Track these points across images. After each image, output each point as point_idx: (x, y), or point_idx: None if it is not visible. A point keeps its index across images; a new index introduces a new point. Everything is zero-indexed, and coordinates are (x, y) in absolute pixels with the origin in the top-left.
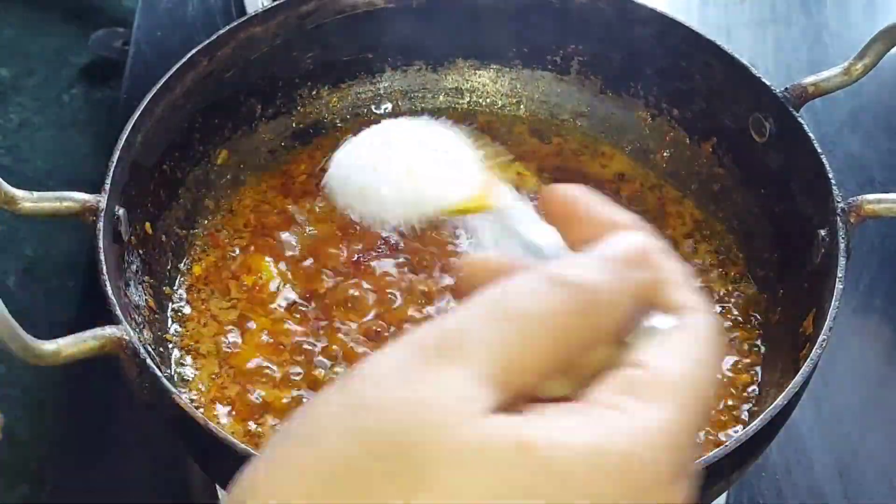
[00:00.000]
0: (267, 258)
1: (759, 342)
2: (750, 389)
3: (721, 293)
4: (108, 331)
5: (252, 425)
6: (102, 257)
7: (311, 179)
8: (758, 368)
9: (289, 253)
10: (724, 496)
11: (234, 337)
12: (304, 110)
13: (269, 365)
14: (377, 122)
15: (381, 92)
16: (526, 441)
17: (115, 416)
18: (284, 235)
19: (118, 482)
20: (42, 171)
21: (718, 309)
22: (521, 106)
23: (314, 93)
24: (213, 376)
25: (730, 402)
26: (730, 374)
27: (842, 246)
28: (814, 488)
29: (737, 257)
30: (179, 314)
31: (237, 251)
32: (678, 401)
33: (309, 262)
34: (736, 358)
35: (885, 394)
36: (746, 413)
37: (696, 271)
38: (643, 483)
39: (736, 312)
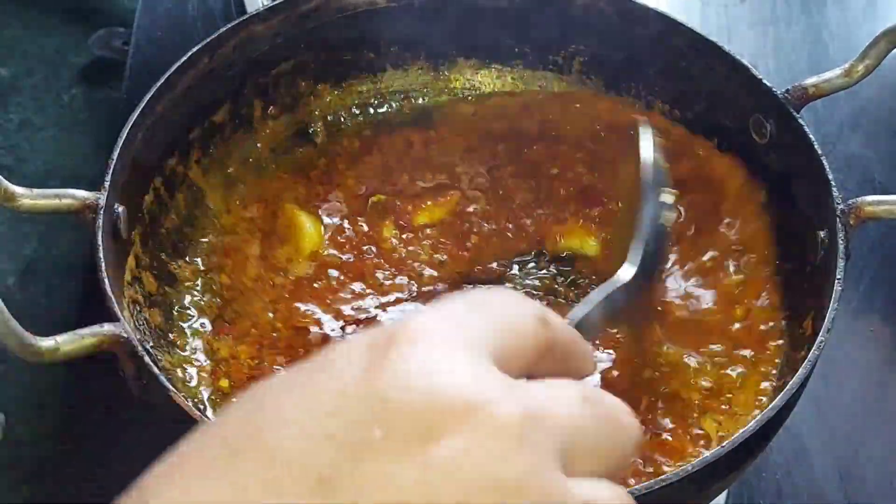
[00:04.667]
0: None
1: (757, 343)
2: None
3: (720, 293)
4: (107, 328)
5: None
6: (101, 255)
7: (311, 178)
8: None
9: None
10: (723, 496)
11: (233, 335)
12: (305, 109)
13: (269, 362)
14: (378, 120)
15: (383, 91)
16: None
17: (115, 416)
18: (284, 234)
19: (118, 482)
20: (42, 171)
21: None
22: (522, 106)
23: (315, 92)
24: (213, 374)
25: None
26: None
27: (841, 247)
28: (814, 488)
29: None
30: (179, 312)
31: (237, 249)
32: None
33: (307, 261)
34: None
35: (885, 394)
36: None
37: (695, 271)
38: None
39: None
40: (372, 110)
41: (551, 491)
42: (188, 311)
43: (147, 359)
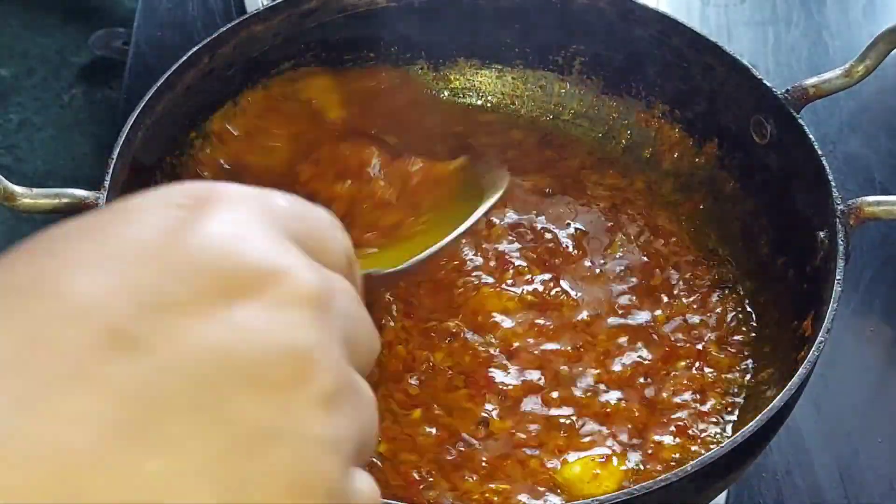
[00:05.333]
0: None
1: (758, 343)
2: (748, 390)
3: (720, 294)
4: None
5: None
6: None
7: (312, 178)
8: (756, 369)
9: None
10: (723, 496)
11: None
12: None
13: None
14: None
15: None
16: None
17: None
18: None
19: None
20: (42, 171)
21: (718, 310)
22: (523, 106)
23: None
24: None
25: (727, 403)
26: (728, 375)
27: (841, 248)
28: (814, 488)
29: (736, 258)
30: None
31: None
32: None
33: None
34: (735, 358)
35: (885, 394)
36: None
37: (694, 271)
38: None
39: (735, 313)
40: None
41: (342, 369)
42: None
43: None
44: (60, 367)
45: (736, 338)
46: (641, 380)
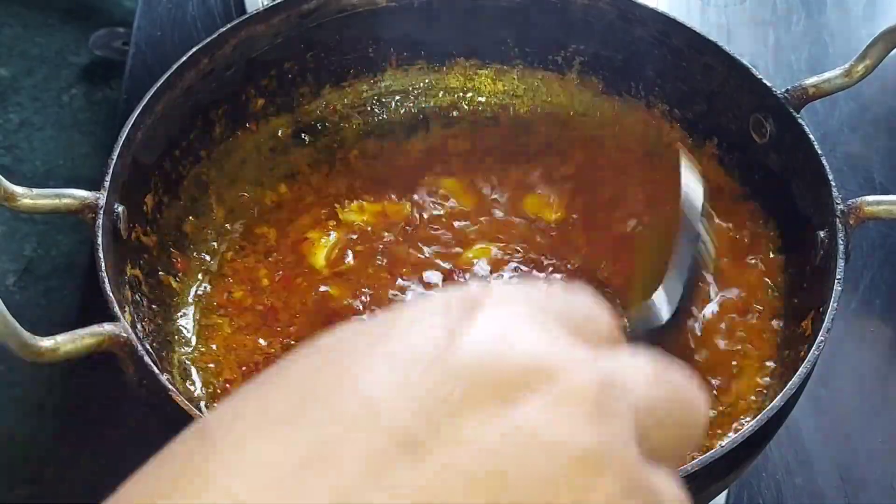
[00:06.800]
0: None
1: (757, 343)
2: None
3: (719, 293)
4: (107, 328)
5: None
6: (101, 254)
7: (311, 179)
8: (756, 369)
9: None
10: (723, 496)
11: (236, 334)
12: (305, 109)
13: (273, 361)
14: (378, 120)
15: (383, 91)
16: None
17: (115, 416)
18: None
19: (118, 482)
20: (41, 172)
21: (716, 310)
22: (522, 106)
23: (315, 91)
24: (216, 373)
25: (727, 403)
26: (728, 374)
27: (841, 248)
28: (814, 488)
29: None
30: (180, 311)
31: (237, 248)
32: None
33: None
34: (735, 358)
35: (886, 394)
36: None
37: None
38: None
39: (734, 313)
40: (372, 110)
41: (631, 468)
42: (189, 310)
43: (147, 359)
44: (359, 469)
45: (737, 338)
46: None
